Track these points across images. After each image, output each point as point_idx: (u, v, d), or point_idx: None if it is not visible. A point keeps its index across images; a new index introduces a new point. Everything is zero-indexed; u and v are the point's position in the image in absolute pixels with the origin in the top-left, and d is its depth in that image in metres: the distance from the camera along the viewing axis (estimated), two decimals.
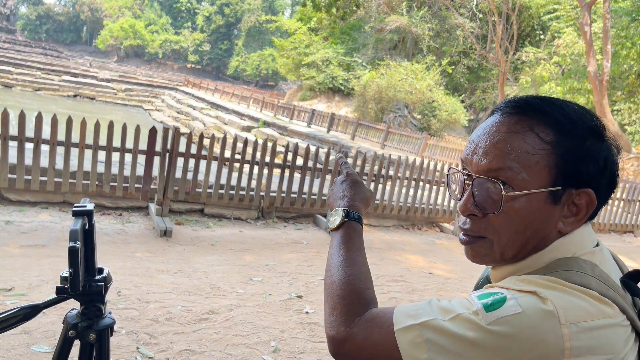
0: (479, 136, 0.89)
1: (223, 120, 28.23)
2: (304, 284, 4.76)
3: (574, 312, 0.74)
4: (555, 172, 0.84)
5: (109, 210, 6.17)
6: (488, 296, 0.78)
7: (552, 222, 0.86)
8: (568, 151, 0.84)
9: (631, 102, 20.83)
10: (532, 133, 0.85)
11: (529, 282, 0.79)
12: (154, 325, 3.47)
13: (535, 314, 0.73)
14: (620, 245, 9.09)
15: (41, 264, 4.31)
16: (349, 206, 1.10)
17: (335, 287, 0.94)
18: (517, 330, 0.73)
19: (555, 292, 0.76)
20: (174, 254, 5.11)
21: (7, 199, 5.77)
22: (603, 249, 0.89)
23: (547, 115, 0.86)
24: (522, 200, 0.84)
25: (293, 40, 33.71)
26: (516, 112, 0.87)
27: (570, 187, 0.85)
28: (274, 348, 3.45)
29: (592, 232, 0.89)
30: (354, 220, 1.07)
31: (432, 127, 25.70)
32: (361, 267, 0.98)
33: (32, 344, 3.00)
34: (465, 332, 0.75)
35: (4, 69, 38.48)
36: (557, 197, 0.85)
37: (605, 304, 0.77)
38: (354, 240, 1.04)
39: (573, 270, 0.81)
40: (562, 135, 0.84)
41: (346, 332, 0.87)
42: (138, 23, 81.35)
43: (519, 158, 0.84)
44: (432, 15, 31.54)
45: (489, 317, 0.74)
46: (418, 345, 0.77)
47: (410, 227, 8.05)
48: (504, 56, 24.70)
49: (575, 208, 0.86)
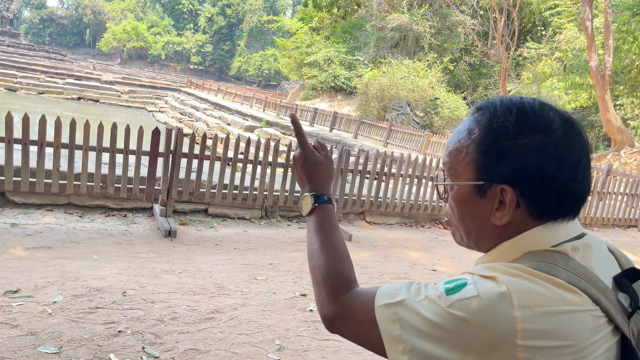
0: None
1: (226, 121, 28.27)
2: (308, 282, 4.78)
3: (529, 296, 0.76)
4: (477, 167, 0.90)
5: (113, 211, 6.21)
6: (453, 281, 0.83)
7: (483, 214, 0.91)
8: (489, 148, 0.88)
9: (634, 96, 20.78)
10: (466, 131, 0.93)
11: (493, 269, 0.82)
12: (159, 325, 3.50)
13: (489, 297, 0.76)
14: (624, 239, 9.07)
15: (47, 265, 4.34)
16: (315, 189, 1.16)
17: (317, 271, 1.04)
18: (471, 312, 0.76)
19: (513, 277, 0.79)
20: (178, 254, 5.14)
21: (12, 202, 5.81)
22: (592, 243, 0.89)
23: (483, 114, 0.92)
24: (455, 190, 0.95)
25: (295, 40, 33.73)
26: (471, 113, 0.95)
27: (495, 183, 0.88)
28: (278, 346, 3.47)
29: (570, 226, 0.89)
30: (324, 202, 1.13)
31: (434, 125, 25.68)
32: (337, 247, 1.07)
33: (38, 345, 3.03)
34: (428, 313, 0.79)
35: (8, 73, 38.61)
36: (482, 191, 0.90)
37: (571, 291, 0.78)
38: (327, 222, 1.11)
39: (543, 262, 0.83)
40: (487, 132, 0.89)
41: (334, 311, 0.96)
42: (140, 25, 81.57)
43: (453, 154, 0.95)
44: (433, 12, 31.50)
45: (448, 300, 0.79)
46: (393, 322, 0.83)
47: (414, 225, 8.06)
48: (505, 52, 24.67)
49: (502, 203, 0.88)
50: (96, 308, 3.61)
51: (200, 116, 31.36)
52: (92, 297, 3.78)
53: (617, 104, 21.27)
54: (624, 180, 9.89)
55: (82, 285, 3.96)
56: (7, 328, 3.17)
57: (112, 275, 4.27)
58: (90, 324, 3.37)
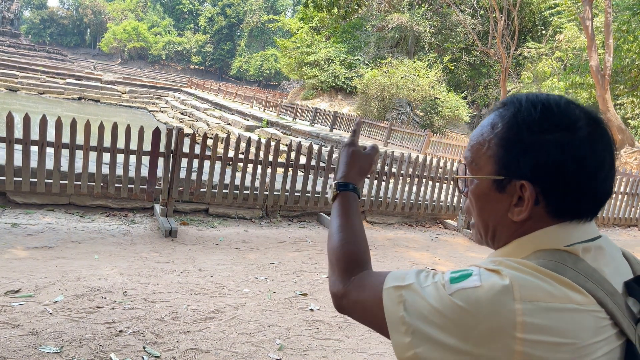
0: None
1: (227, 121, 28.27)
2: (308, 282, 4.78)
3: (532, 291, 0.76)
4: (498, 161, 0.90)
5: (114, 211, 6.21)
6: (459, 272, 0.84)
7: (501, 210, 0.91)
8: (511, 142, 0.88)
9: (634, 95, 20.76)
10: (489, 125, 0.93)
11: (499, 263, 0.83)
12: (160, 325, 3.50)
13: (492, 288, 0.77)
14: (625, 239, 9.08)
15: (48, 265, 4.35)
16: (343, 178, 1.23)
17: (333, 251, 1.09)
18: (471, 301, 0.77)
19: (518, 272, 0.79)
20: (179, 253, 5.15)
21: (13, 202, 5.82)
22: (605, 247, 0.88)
23: (507, 109, 0.91)
24: (475, 184, 0.95)
25: (295, 39, 33.74)
26: (496, 108, 0.95)
27: (515, 178, 0.88)
28: (279, 346, 3.47)
29: (586, 227, 0.88)
30: (349, 190, 1.20)
31: (434, 124, 25.67)
32: (355, 231, 1.12)
33: (39, 345, 3.04)
34: (431, 299, 0.81)
35: (9, 73, 38.62)
36: (501, 185, 0.90)
37: (576, 290, 0.78)
38: (348, 208, 1.17)
39: (551, 260, 0.83)
40: (510, 127, 0.89)
41: (344, 289, 1.01)
42: (141, 25, 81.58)
43: (475, 147, 0.95)
44: (433, 12, 31.47)
45: (452, 288, 0.80)
46: (398, 304, 0.85)
47: (414, 224, 8.07)
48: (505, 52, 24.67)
49: (521, 199, 0.88)
50: (97, 308, 3.62)
51: (201, 116, 31.36)
52: (93, 296, 3.78)
53: (617, 104, 21.26)
54: (625, 180, 9.89)
55: (83, 285, 3.97)
56: (8, 328, 3.18)
57: (113, 275, 4.28)
58: (91, 323, 3.38)
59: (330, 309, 4.17)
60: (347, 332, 3.83)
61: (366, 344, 3.69)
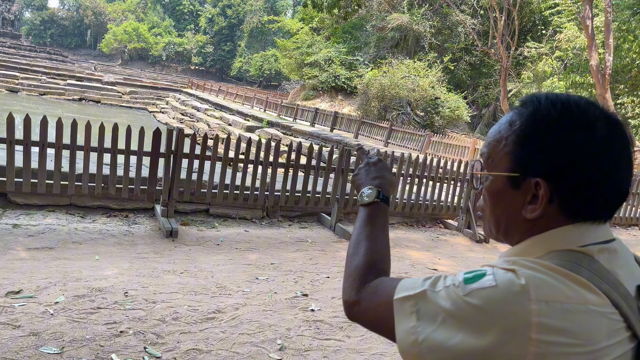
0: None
1: (227, 121, 28.29)
2: (309, 282, 4.79)
3: (548, 291, 0.75)
4: (514, 158, 0.90)
5: (115, 212, 6.22)
6: (472, 272, 0.82)
7: (515, 207, 0.91)
8: (528, 139, 0.88)
9: (634, 95, 20.75)
10: (507, 123, 0.93)
11: (513, 263, 0.82)
12: (160, 325, 3.51)
13: (507, 288, 0.76)
14: (625, 238, 9.06)
15: (49, 266, 4.36)
16: (381, 187, 1.22)
17: (353, 258, 1.07)
18: (487, 301, 0.76)
19: (534, 272, 0.78)
20: (180, 254, 5.15)
21: (14, 203, 5.82)
22: (619, 250, 0.88)
23: (526, 107, 0.91)
24: (490, 181, 0.95)
25: (295, 40, 33.74)
26: (516, 107, 0.95)
27: (530, 176, 0.87)
28: (280, 346, 3.47)
29: (601, 229, 0.88)
30: (383, 201, 1.19)
31: (435, 124, 25.67)
32: (381, 242, 1.11)
33: (40, 346, 3.04)
34: (445, 302, 0.80)
35: (10, 74, 38.70)
36: (516, 183, 0.90)
37: (592, 291, 0.77)
38: (379, 218, 1.16)
39: (566, 260, 0.82)
40: (528, 124, 0.89)
41: (356, 296, 0.99)
42: (141, 26, 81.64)
43: (492, 144, 0.95)
44: (433, 12, 31.47)
45: (466, 289, 0.79)
46: (410, 315, 0.83)
47: (415, 224, 8.07)
48: (505, 52, 24.62)
49: (535, 197, 0.88)
50: (98, 308, 3.62)
51: (201, 117, 31.38)
52: (94, 297, 3.79)
53: (617, 103, 21.23)
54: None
55: (83, 285, 3.97)
56: (9, 329, 3.18)
57: (114, 276, 4.28)
58: (92, 324, 3.38)
59: (330, 309, 4.18)
60: (348, 332, 3.83)
61: (367, 344, 3.69)
